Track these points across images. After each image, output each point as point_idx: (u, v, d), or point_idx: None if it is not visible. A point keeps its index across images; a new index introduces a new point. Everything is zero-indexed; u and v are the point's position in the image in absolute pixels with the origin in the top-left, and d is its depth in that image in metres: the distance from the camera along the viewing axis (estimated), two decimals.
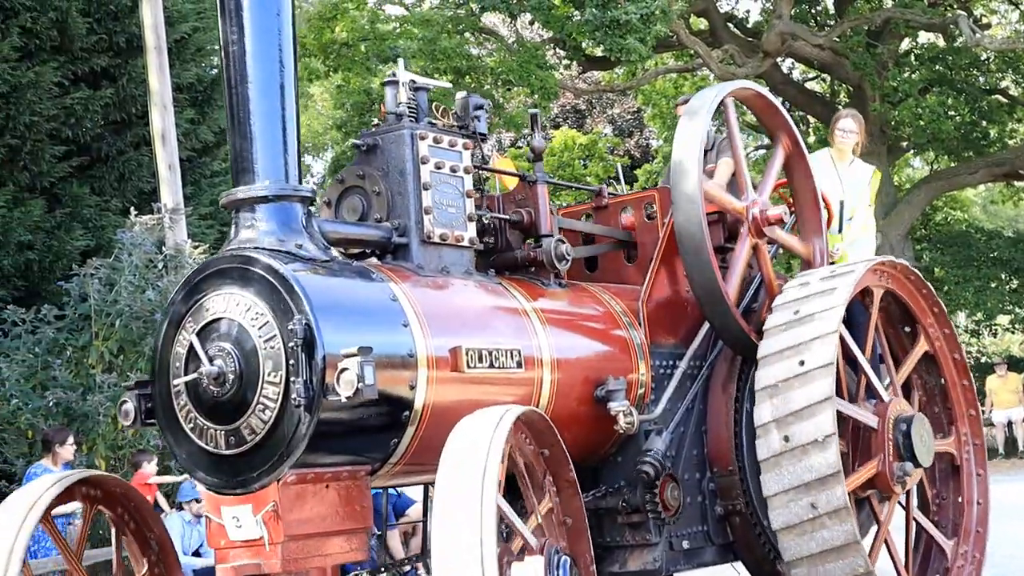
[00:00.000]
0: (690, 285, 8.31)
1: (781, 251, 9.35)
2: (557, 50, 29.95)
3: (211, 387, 6.46)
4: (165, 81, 17.17)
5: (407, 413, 6.73)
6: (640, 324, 8.25)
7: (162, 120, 17.04)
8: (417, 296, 6.99)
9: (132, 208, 16.10)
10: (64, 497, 6.98)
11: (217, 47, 19.05)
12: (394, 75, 7.54)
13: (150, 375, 6.88)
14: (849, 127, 10.32)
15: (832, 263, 9.04)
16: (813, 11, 32.66)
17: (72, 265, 16.07)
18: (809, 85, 35.91)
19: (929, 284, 8.96)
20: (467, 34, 27.54)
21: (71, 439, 12.90)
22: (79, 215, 18.37)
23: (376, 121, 7.56)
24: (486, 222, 7.92)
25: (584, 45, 26.56)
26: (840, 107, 31.51)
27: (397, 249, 7.34)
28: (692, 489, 8.32)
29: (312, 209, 7.00)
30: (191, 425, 6.60)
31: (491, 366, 7.11)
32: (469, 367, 6.96)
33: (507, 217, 8.15)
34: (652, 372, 8.24)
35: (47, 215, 17.89)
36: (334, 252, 7.24)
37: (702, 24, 31.90)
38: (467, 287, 7.49)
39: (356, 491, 6.71)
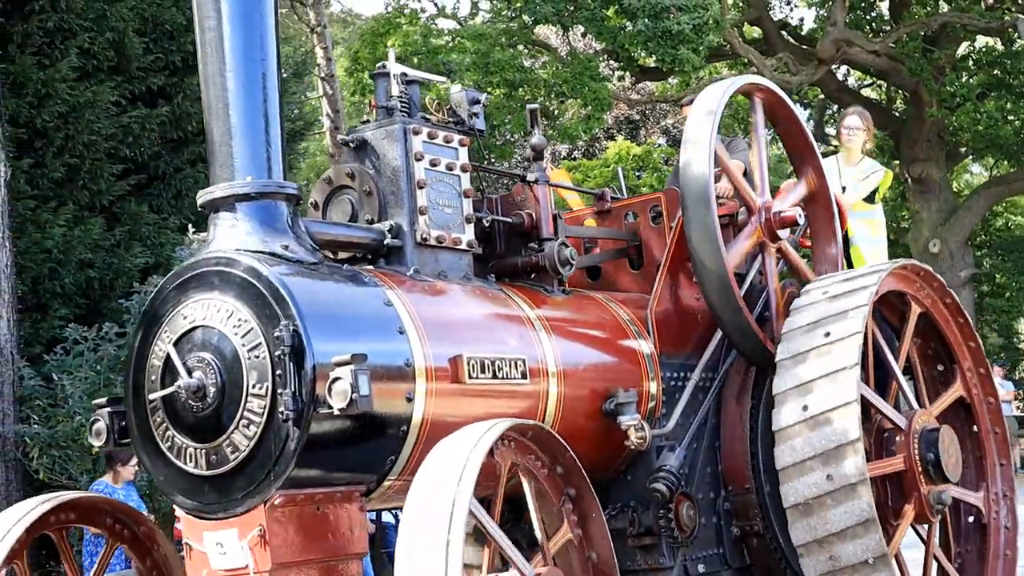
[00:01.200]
0: (701, 291, 7.52)
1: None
2: (610, 61, 29.10)
3: (190, 402, 5.79)
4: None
5: (404, 427, 6.05)
6: (649, 334, 7.50)
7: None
8: (413, 301, 6.30)
9: (190, 225, 15.79)
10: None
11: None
12: (384, 67, 6.83)
13: (124, 390, 6.19)
14: (855, 124, 9.65)
15: None
16: (868, 17, 31.56)
17: (132, 283, 15.87)
18: (865, 92, 34.74)
19: (927, 267, 8.12)
20: (520, 47, 26.76)
21: (135, 460, 12.47)
22: (138, 233, 18.06)
23: (366, 117, 6.86)
24: (486, 224, 7.20)
25: (637, 56, 25.69)
26: (897, 114, 30.50)
27: (390, 252, 6.62)
28: (707, 509, 7.53)
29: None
30: (168, 444, 5.92)
31: (494, 377, 6.42)
32: (471, 378, 6.27)
33: (507, 219, 7.39)
34: (663, 384, 7.47)
35: (107, 233, 17.62)
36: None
37: (756, 32, 31.06)
38: (466, 293, 6.77)
39: (351, 513, 6.02)
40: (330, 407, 5.55)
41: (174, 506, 6.07)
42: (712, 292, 7.34)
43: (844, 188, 9.57)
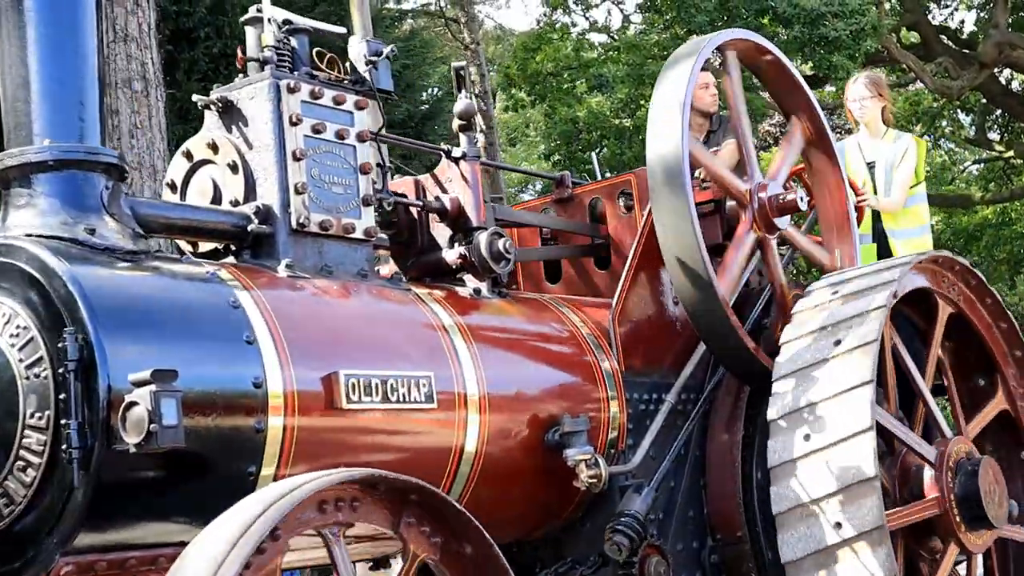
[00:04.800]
0: (677, 295, 4.72)
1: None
2: None
3: None
4: (377, 118, 14.33)
5: (252, 468, 3.51)
6: (611, 346, 4.69)
7: (377, 156, 14.24)
8: (274, 304, 3.71)
9: None
10: None
11: (426, 83, 16.37)
12: (259, 11, 4.23)
13: None
14: (861, 93, 6.53)
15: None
16: None
17: None
18: None
19: (964, 260, 5.15)
20: None
21: None
22: None
23: (239, 74, 4.30)
24: (388, 207, 4.49)
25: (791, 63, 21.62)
26: None
27: (258, 242, 4.01)
28: (688, 563, 4.69)
29: (125, 186, 3.82)
30: None
31: (386, 400, 3.79)
32: (350, 402, 3.69)
33: (424, 204, 4.65)
34: (628, 409, 4.64)
35: None
36: (183, 246, 4.11)
37: (913, 37, 25.58)
38: (356, 294, 4.09)
39: None
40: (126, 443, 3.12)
41: None
42: (690, 300, 4.53)
43: (874, 163, 6.61)
